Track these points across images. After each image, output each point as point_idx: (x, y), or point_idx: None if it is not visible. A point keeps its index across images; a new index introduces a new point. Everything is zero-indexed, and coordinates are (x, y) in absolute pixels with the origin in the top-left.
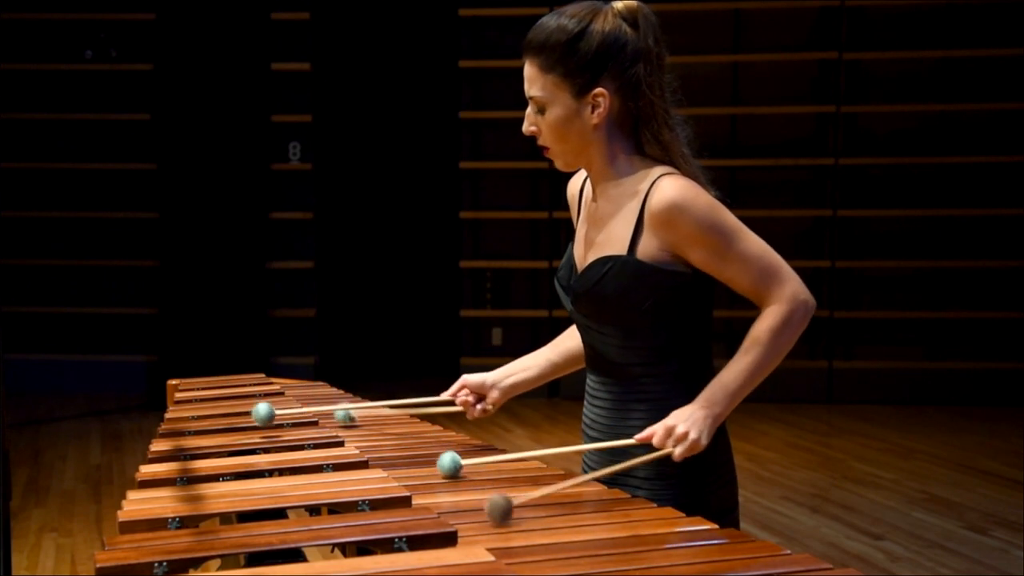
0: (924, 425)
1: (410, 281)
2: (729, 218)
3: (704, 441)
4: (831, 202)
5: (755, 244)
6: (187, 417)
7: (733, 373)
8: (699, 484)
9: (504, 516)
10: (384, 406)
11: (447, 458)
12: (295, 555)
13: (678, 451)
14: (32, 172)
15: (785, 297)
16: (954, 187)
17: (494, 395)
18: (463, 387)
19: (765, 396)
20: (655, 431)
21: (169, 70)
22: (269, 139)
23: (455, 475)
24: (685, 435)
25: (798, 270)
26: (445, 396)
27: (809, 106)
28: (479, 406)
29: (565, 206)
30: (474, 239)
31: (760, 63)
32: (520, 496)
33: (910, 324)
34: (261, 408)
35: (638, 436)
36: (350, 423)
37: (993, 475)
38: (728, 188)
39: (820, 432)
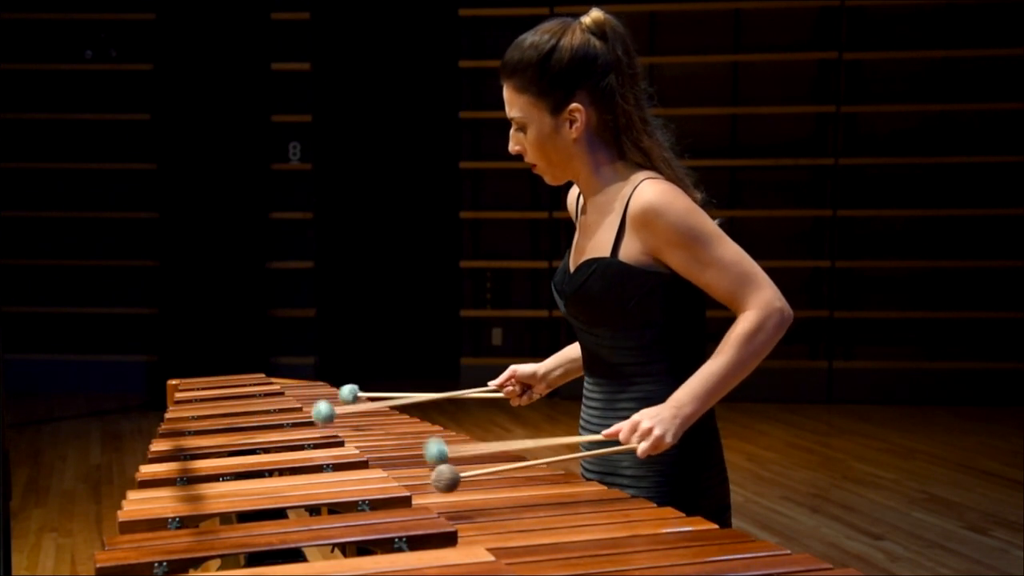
0: (924, 425)
1: (410, 281)
2: (707, 223)
3: (669, 440)
4: (831, 202)
5: (732, 250)
6: (187, 417)
7: (704, 376)
8: (692, 484)
9: (450, 486)
10: (428, 399)
11: (433, 447)
12: (295, 555)
13: (642, 447)
14: (32, 172)
15: (760, 303)
16: (954, 187)
17: (541, 387)
18: (511, 377)
19: (765, 396)
20: (621, 427)
21: (169, 70)
22: (269, 139)
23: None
24: (649, 431)
25: (798, 270)
26: (492, 385)
27: (809, 106)
28: (524, 396)
29: (565, 206)
30: (474, 239)
31: (760, 63)
32: (468, 471)
33: (910, 324)
34: (322, 407)
35: (605, 432)
36: (353, 402)
37: (993, 475)
38: (728, 188)
39: (820, 432)
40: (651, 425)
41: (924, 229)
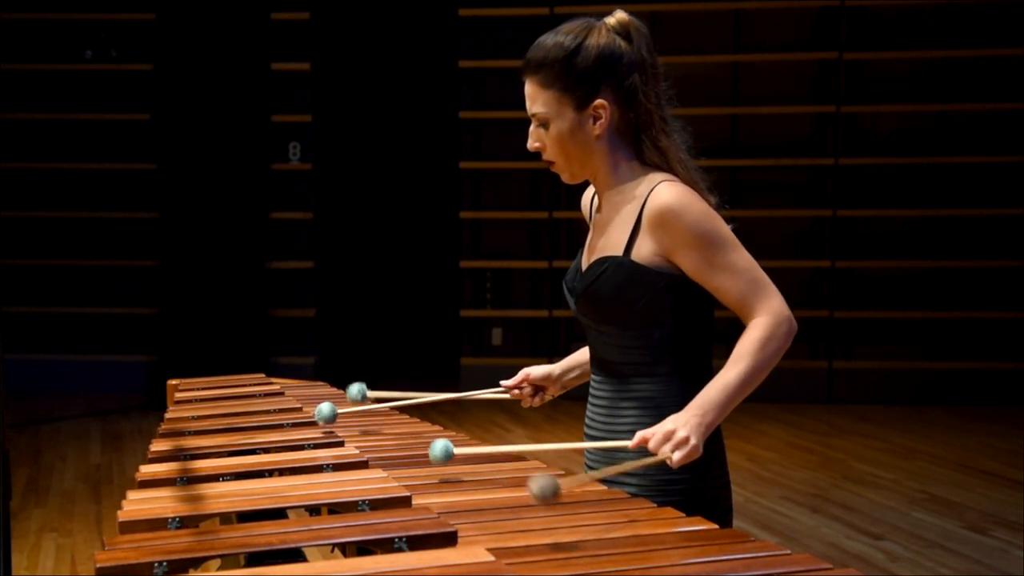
0: (924, 425)
1: (410, 281)
2: (722, 228)
3: (700, 448)
4: (831, 202)
5: (744, 257)
6: (187, 417)
7: (723, 383)
8: (695, 487)
9: (552, 496)
10: (437, 400)
11: (439, 445)
12: (295, 555)
13: (676, 456)
14: (32, 172)
15: (771, 310)
16: (954, 187)
17: (554, 389)
18: (524, 380)
19: (765, 396)
20: (652, 434)
21: (169, 70)
22: (269, 139)
23: (446, 460)
24: (685, 440)
25: (798, 270)
26: (504, 386)
27: (809, 106)
28: (536, 397)
29: (565, 206)
30: (474, 239)
31: (760, 63)
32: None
33: (910, 324)
34: (324, 408)
35: (633, 441)
36: (361, 401)
37: (993, 475)
38: (728, 188)
39: (820, 432)
40: (687, 434)
41: (924, 229)
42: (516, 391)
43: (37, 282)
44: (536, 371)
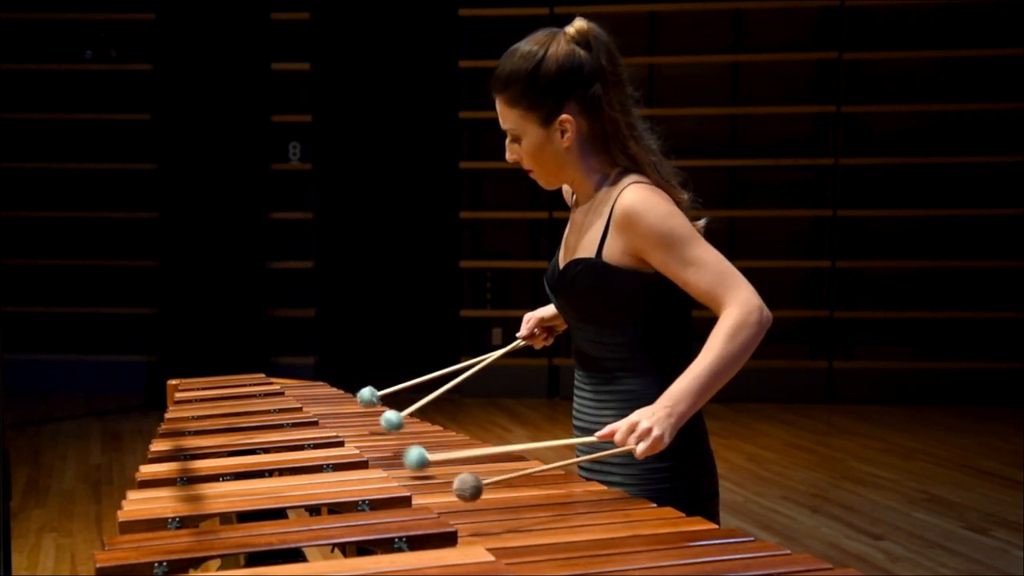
0: (924, 425)
1: (410, 281)
2: (685, 226)
3: (667, 439)
4: (831, 202)
5: (709, 252)
6: (187, 417)
7: (694, 374)
8: (680, 472)
9: (474, 494)
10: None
11: (414, 452)
12: (295, 555)
13: (640, 448)
14: (32, 172)
15: (740, 301)
16: (954, 187)
17: (562, 325)
18: (537, 324)
19: (765, 396)
20: (617, 428)
21: (169, 70)
22: (269, 139)
23: (422, 467)
24: (648, 432)
25: (798, 270)
26: (519, 337)
27: (809, 106)
28: (550, 338)
29: (565, 206)
30: (474, 239)
31: (760, 63)
32: (489, 478)
33: (910, 324)
34: (391, 416)
35: (599, 433)
36: (373, 406)
37: (993, 475)
38: (728, 188)
39: (820, 432)
40: (650, 425)
41: (924, 229)
42: (531, 337)
43: (37, 282)
44: (547, 312)
